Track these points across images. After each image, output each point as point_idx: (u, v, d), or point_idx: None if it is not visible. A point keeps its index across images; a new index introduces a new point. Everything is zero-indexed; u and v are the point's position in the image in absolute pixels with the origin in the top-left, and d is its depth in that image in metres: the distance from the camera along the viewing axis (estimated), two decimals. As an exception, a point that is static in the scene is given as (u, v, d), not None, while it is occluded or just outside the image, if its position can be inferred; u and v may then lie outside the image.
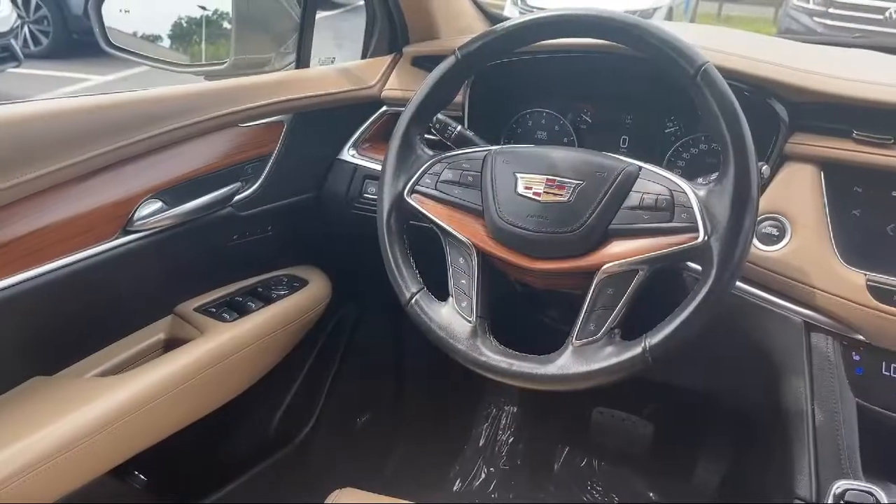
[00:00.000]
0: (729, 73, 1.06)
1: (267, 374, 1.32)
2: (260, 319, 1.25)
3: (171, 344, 1.19)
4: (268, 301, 1.29)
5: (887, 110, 1.03)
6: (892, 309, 0.97)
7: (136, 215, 1.09)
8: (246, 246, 1.31)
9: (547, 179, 0.97)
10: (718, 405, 1.51)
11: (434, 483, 1.85)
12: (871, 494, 0.78)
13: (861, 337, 1.00)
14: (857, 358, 1.00)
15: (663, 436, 1.80)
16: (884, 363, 0.99)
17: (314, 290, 1.39)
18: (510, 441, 1.98)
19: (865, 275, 1.00)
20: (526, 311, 1.31)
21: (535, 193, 0.97)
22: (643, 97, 1.27)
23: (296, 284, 1.37)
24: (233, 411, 1.27)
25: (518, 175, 0.98)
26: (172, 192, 1.14)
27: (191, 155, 1.16)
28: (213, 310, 1.25)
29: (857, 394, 0.99)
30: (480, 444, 1.97)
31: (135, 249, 1.10)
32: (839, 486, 0.79)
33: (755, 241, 1.07)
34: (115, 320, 1.16)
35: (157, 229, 1.12)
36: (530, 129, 1.37)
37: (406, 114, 1.05)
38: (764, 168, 1.04)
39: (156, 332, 1.21)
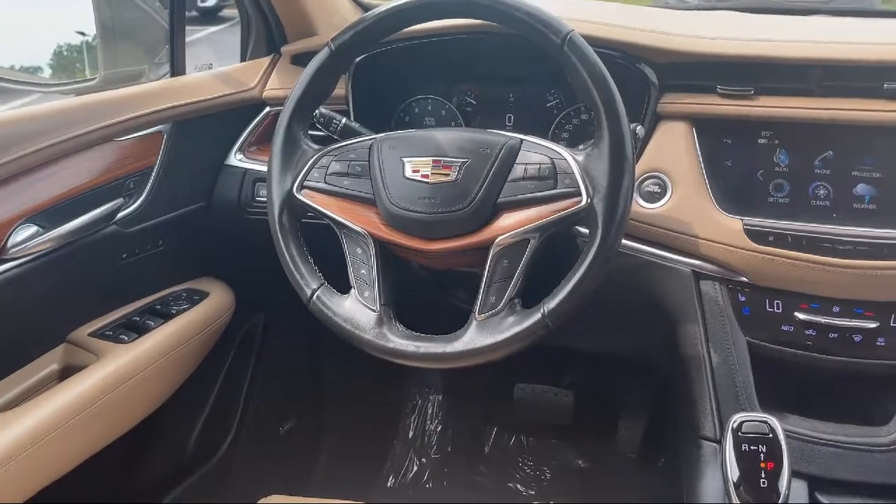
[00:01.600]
0: (596, 41, 1.09)
1: (177, 391, 1.28)
2: (161, 337, 1.21)
3: (67, 373, 1.14)
4: (168, 317, 1.25)
5: (745, 63, 1.09)
6: (768, 249, 1.03)
7: (10, 242, 1.03)
8: (138, 263, 1.26)
9: (433, 161, 0.98)
10: (629, 363, 1.56)
11: (367, 481, 1.84)
12: (766, 423, 0.83)
13: (745, 279, 1.06)
14: (743, 299, 1.06)
15: (584, 403, 1.84)
16: (767, 301, 1.05)
17: (216, 302, 1.35)
18: (439, 429, 1.99)
19: (742, 220, 1.06)
20: (435, 295, 1.32)
21: (423, 176, 0.97)
22: (523, 74, 1.30)
23: (196, 297, 1.33)
24: (145, 434, 1.22)
25: (405, 159, 0.99)
26: (48, 215, 1.08)
27: (65, 174, 1.11)
28: (110, 332, 1.20)
29: (746, 332, 1.05)
30: (410, 436, 1.97)
31: (13, 278, 1.04)
32: (736, 419, 0.84)
33: (640, 199, 1.11)
34: (2, 355, 1.10)
35: (36, 254, 1.06)
36: (418, 116, 1.38)
37: (286, 110, 1.04)
38: (638, 129, 1.08)
39: (49, 363, 1.15)
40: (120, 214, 1.20)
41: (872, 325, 1.00)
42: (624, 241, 1.10)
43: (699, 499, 0.97)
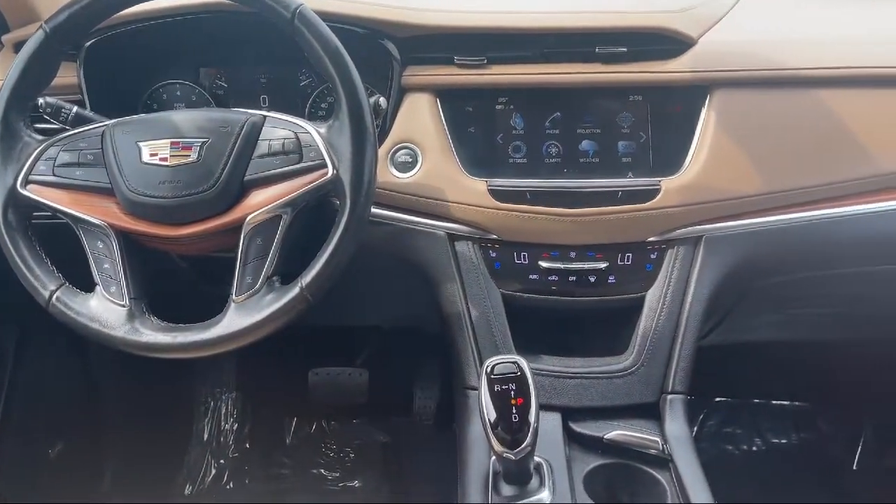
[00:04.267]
0: (337, 17, 1.11)
1: None
2: None
3: None
4: None
5: (476, 34, 1.16)
6: (510, 206, 1.11)
7: None
8: None
9: (171, 142, 0.96)
10: (414, 332, 1.61)
11: (161, 492, 1.75)
12: (515, 363, 0.89)
13: (494, 236, 1.13)
14: (494, 255, 1.13)
15: (379, 378, 1.88)
16: (515, 254, 1.13)
17: None
18: (235, 428, 1.93)
19: (486, 181, 1.13)
20: (199, 285, 1.28)
21: (161, 159, 0.95)
22: (273, 53, 1.28)
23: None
24: None
25: (140, 144, 0.96)
26: None
27: None
28: None
29: (499, 285, 1.13)
30: (205, 439, 1.90)
31: None
32: (489, 363, 0.89)
33: (393, 170, 1.15)
34: None
35: None
36: (166, 103, 1.32)
37: (0, 100, 0.95)
38: (381, 100, 1.11)
39: None
40: None
41: (603, 265, 1.11)
42: (381, 211, 1.13)
43: (467, 447, 1.03)
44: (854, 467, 1.85)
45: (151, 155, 0.94)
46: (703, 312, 1.09)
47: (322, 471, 1.90)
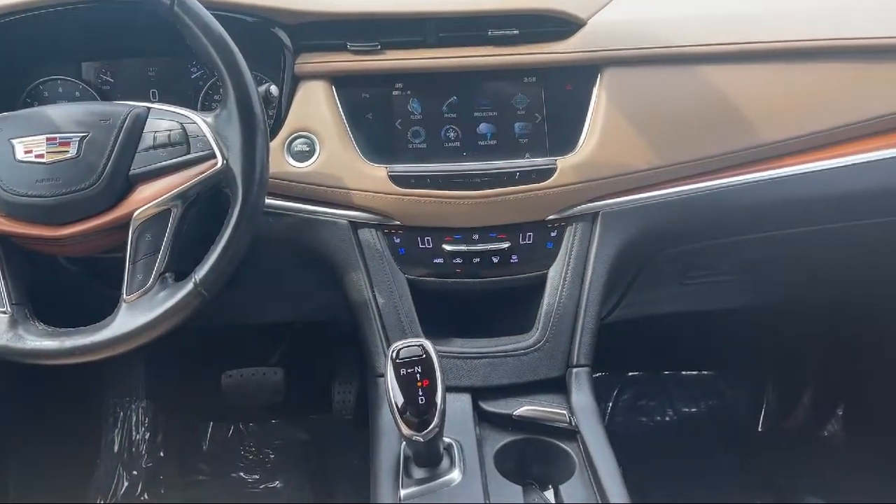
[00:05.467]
0: (218, 5, 1.08)
1: None
2: None
3: None
4: None
5: (368, 20, 1.15)
6: (411, 191, 1.11)
7: None
8: None
9: (47, 138, 0.92)
10: (322, 325, 1.60)
11: (69, 508, 1.67)
12: (420, 346, 0.89)
13: (397, 222, 1.12)
14: (398, 241, 1.13)
15: (294, 376, 1.85)
16: (418, 239, 1.13)
17: None
18: (148, 437, 1.87)
19: (386, 167, 1.12)
20: (93, 289, 1.23)
21: (37, 156, 0.91)
22: (161, 45, 1.23)
23: None
24: None
25: (14, 141, 0.92)
26: None
27: None
28: None
29: (405, 270, 1.13)
30: (115, 450, 1.83)
31: None
32: (394, 347, 0.88)
33: (290, 160, 1.13)
34: None
35: None
36: (48, 101, 1.26)
37: None
38: (271, 88, 1.09)
39: None
40: None
41: (505, 245, 1.12)
42: (280, 202, 1.12)
43: (378, 434, 1.03)
44: (759, 429, 1.94)
45: (26, 152, 0.91)
46: (603, 286, 1.12)
47: (242, 474, 1.86)
